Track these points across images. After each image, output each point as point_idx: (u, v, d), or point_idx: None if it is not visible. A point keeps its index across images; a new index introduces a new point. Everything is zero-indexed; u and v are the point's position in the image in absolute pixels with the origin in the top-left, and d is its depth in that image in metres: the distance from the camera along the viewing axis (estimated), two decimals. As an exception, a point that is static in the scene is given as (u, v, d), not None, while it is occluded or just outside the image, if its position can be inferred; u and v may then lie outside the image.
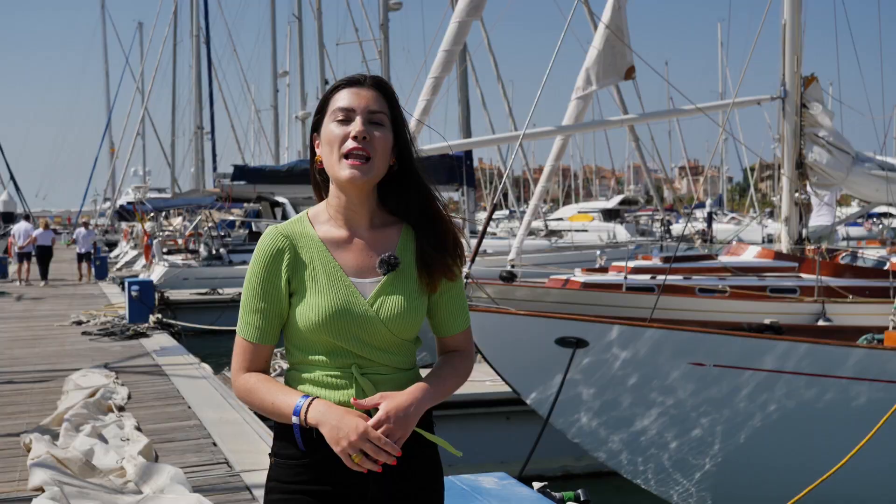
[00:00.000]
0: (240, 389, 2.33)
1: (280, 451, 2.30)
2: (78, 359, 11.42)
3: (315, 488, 2.24)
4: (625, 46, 12.72)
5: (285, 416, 2.22)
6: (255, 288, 2.29)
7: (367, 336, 2.26)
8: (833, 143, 13.09)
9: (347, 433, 2.11)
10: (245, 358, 2.32)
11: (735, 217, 56.62)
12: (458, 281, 2.41)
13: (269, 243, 2.30)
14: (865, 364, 6.62)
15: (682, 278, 12.63)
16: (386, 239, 2.34)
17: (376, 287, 2.29)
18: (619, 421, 6.84)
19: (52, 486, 5.27)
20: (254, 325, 2.30)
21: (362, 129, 2.24)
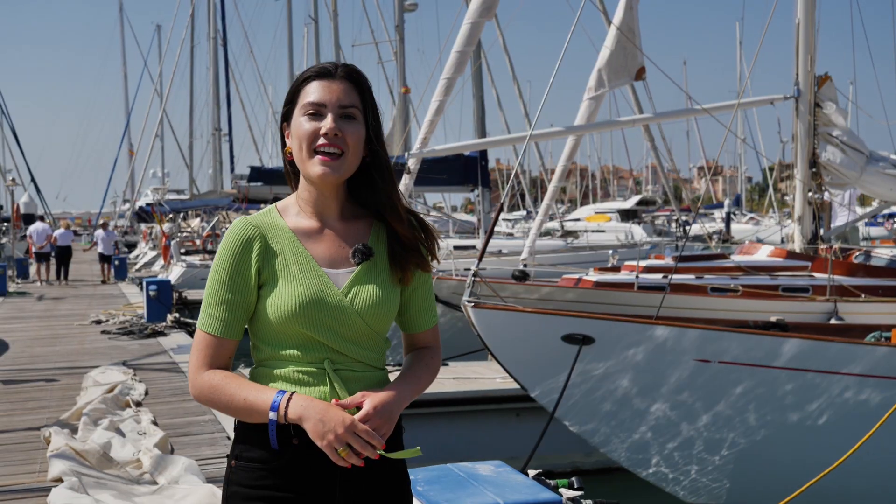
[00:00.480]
0: (202, 387, 2.19)
1: (242, 453, 2.21)
2: (97, 356, 11.60)
3: (280, 495, 2.16)
4: (635, 47, 12.80)
5: (260, 413, 2.12)
6: (221, 279, 2.20)
7: (341, 327, 2.20)
8: (847, 142, 13.11)
9: (334, 427, 2.06)
10: (207, 354, 2.21)
11: (754, 217, 56.47)
12: (430, 276, 2.39)
13: (238, 232, 2.22)
14: (872, 361, 6.69)
15: (694, 277, 12.69)
16: (357, 230, 2.30)
17: (350, 277, 2.24)
18: (625, 416, 6.94)
19: (70, 476, 5.42)
20: (218, 318, 2.20)
21: (333, 127, 2.18)
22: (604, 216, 47.51)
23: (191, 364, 2.24)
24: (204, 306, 2.24)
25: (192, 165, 55.22)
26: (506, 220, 51.48)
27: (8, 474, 6.18)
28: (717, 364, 6.61)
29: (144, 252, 36.09)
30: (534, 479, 3.03)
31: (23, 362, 11.40)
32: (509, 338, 6.90)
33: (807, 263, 12.79)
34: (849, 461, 6.20)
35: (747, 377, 6.63)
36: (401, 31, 30.77)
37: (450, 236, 24.98)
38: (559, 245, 26.94)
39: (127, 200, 59.53)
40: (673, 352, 6.66)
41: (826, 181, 13.18)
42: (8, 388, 9.49)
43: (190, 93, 57.26)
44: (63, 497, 4.95)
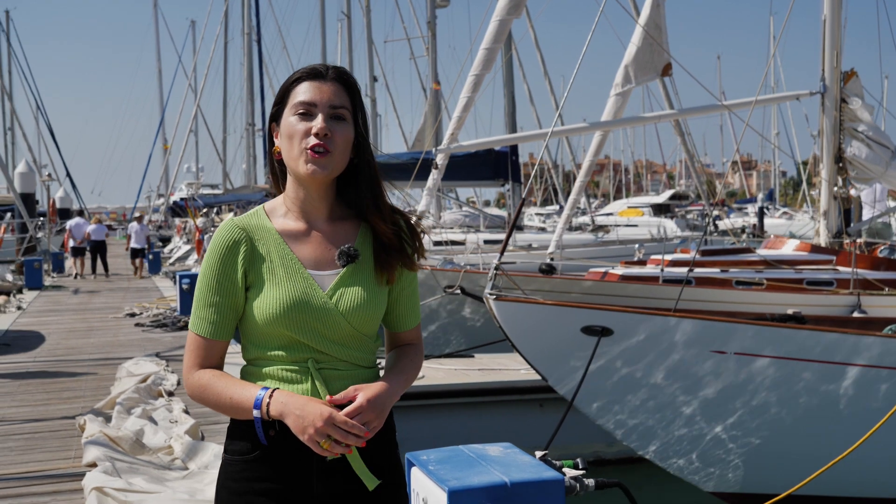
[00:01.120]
0: (193, 387, 2.27)
1: (229, 447, 2.29)
2: (130, 348, 11.86)
3: (260, 486, 2.22)
4: (660, 45, 12.91)
5: (245, 411, 2.18)
6: (209, 282, 2.25)
7: (326, 329, 2.23)
8: (872, 137, 13.15)
9: (313, 420, 2.09)
10: (198, 354, 2.27)
11: (787, 212, 56.21)
12: (416, 277, 2.41)
13: (224, 235, 2.26)
14: (889, 353, 6.80)
15: (719, 271, 12.79)
16: (345, 232, 2.32)
17: (335, 279, 2.27)
18: (643, 406, 7.09)
19: (104, 461, 5.64)
20: (207, 320, 2.25)
21: (324, 127, 2.21)
22: (636, 211, 47.54)
23: (184, 365, 2.30)
24: (194, 308, 2.29)
25: (225, 160, 55.79)
26: (539, 215, 51.67)
27: (44, 460, 6.43)
28: (733, 355, 6.74)
29: (178, 246, 36.49)
30: (539, 460, 3.19)
31: (59, 354, 11.69)
32: (530, 329, 7.06)
33: (831, 257, 12.85)
34: (861, 449, 6.33)
35: (764, 368, 6.76)
36: (432, 27, 30.99)
37: (480, 231, 25.12)
38: (589, 239, 27.05)
39: (161, 195, 60.14)
40: (690, 343, 6.79)
41: (852, 176, 13.22)
42: (44, 379, 9.76)
43: (224, 88, 57.90)
44: (97, 480, 5.17)
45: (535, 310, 7.11)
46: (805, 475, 6.34)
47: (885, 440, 6.62)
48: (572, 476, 3.08)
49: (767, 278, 12.41)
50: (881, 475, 7.03)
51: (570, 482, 3.07)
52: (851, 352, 6.72)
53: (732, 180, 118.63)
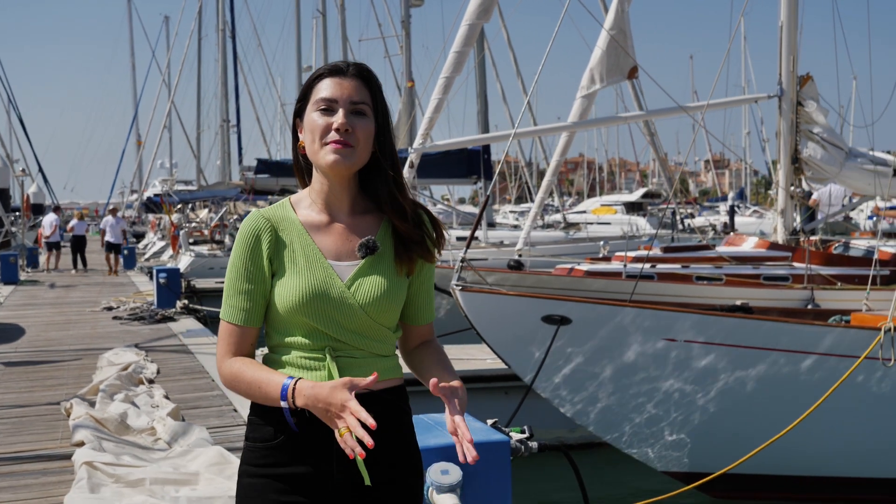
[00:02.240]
0: (226, 375, 2.32)
1: (251, 434, 2.33)
2: (109, 340, 12.18)
3: (281, 471, 2.26)
4: (625, 50, 13.33)
5: (274, 400, 2.22)
6: (238, 270, 2.31)
7: (344, 319, 2.28)
8: (827, 139, 13.63)
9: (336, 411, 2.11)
10: (231, 342, 2.32)
11: (757, 210, 56.90)
12: (433, 270, 2.46)
13: (251, 225, 2.32)
14: (831, 341, 7.26)
15: (680, 267, 13.27)
16: (366, 225, 2.37)
17: (354, 270, 2.31)
18: (599, 391, 7.52)
19: (92, 441, 6.01)
20: (239, 308, 2.30)
21: (345, 122, 2.26)
22: (609, 209, 48.04)
23: (217, 353, 2.35)
24: (225, 297, 2.34)
25: (199, 156, 55.83)
26: (513, 213, 52.14)
27: (33, 441, 6.78)
28: (683, 343, 7.19)
29: (153, 242, 36.63)
30: (490, 427, 3.61)
31: (39, 345, 12.00)
32: (494, 319, 7.48)
33: (788, 254, 13.35)
34: (798, 430, 6.82)
35: (712, 355, 7.21)
36: (406, 26, 31.31)
37: (453, 227, 25.54)
38: (559, 237, 27.53)
39: (135, 191, 59.97)
40: (643, 331, 7.23)
41: (808, 176, 13.72)
42: (27, 368, 10.09)
43: (198, 84, 57.90)
44: (87, 455, 5.54)
45: (498, 300, 7.53)
46: (746, 452, 6.81)
47: (821, 422, 7.10)
48: (518, 439, 3.50)
49: (726, 274, 12.89)
50: (817, 454, 7.51)
51: (516, 444, 3.49)
52: (795, 340, 7.19)
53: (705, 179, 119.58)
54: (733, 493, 7.76)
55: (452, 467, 3.20)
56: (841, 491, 7.73)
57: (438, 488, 3.14)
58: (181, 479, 5.13)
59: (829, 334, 7.16)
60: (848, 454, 7.56)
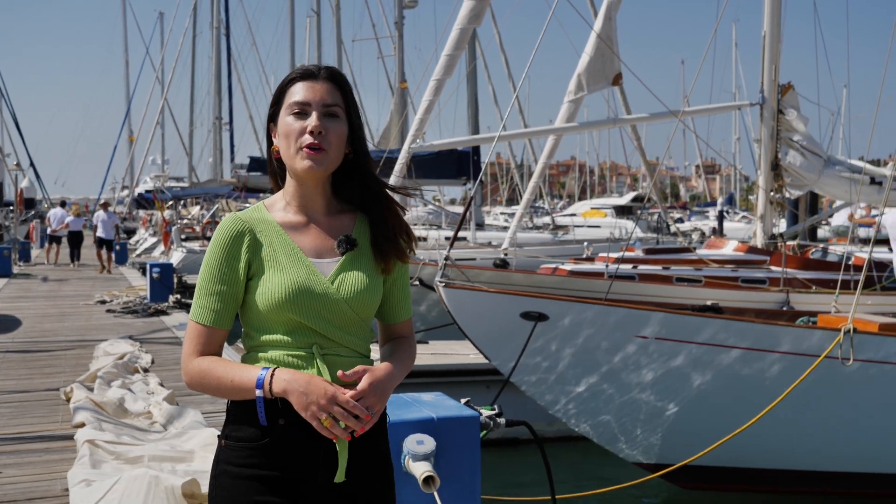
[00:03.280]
0: (192, 373, 2.30)
1: (232, 433, 2.31)
2: (104, 332, 12.48)
3: (264, 473, 2.26)
4: (613, 54, 13.72)
5: (247, 391, 2.22)
6: (213, 271, 2.31)
7: (330, 314, 2.31)
8: (806, 146, 14.05)
9: (317, 398, 2.15)
10: (199, 342, 2.32)
11: (746, 216, 57.38)
12: (407, 269, 2.52)
13: (228, 227, 2.34)
14: (795, 341, 7.63)
15: (661, 268, 13.67)
16: (342, 224, 2.42)
17: (336, 266, 2.36)
18: (575, 385, 7.87)
19: (92, 422, 6.35)
20: (210, 309, 2.31)
21: (318, 125, 2.29)
22: (599, 212, 48.48)
23: (183, 352, 2.35)
24: (196, 297, 2.35)
25: (192, 153, 56.04)
26: (503, 214, 52.53)
27: (35, 423, 7.12)
28: (655, 340, 7.56)
29: (144, 238, 36.89)
30: (463, 405, 3.97)
31: (35, 336, 12.30)
32: (475, 314, 7.84)
33: (765, 258, 13.76)
34: (761, 424, 7.20)
35: (683, 352, 7.58)
36: (400, 28, 31.67)
37: (442, 228, 25.89)
38: (547, 238, 27.94)
39: (126, 187, 60.14)
40: (617, 328, 7.60)
41: (787, 182, 14.12)
42: (25, 357, 10.41)
43: (191, 81, 58.11)
44: (88, 434, 5.88)
45: (480, 296, 7.89)
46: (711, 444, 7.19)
47: (782, 418, 7.47)
48: (487, 416, 3.86)
49: (705, 276, 13.29)
50: (778, 448, 7.89)
51: (486, 420, 3.86)
52: (761, 339, 7.56)
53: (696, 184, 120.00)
54: (699, 484, 8.14)
55: (427, 438, 3.56)
56: (800, 484, 8.11)
57: (414, 456, 3.50)
58: (177, 457, 5.47)
59: (794, 334, 7.54)
60: (808, 449, 7.94)
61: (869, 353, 7.47)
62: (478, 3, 13.11)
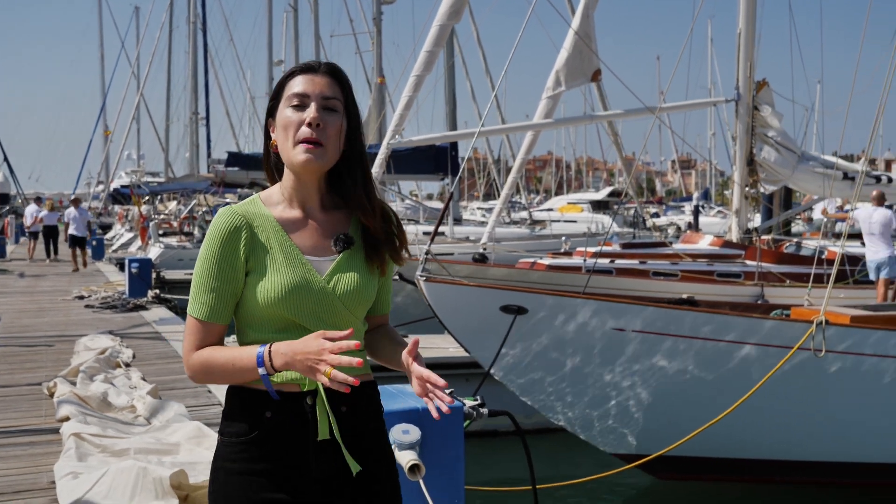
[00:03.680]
0: (195, 365, 2.30)
1: (226, 429, 2.33)
2: (83, 327, 12.50)
3: (258, 467, 2.27)
4: (591, 52, 13.85)
5: (250, 371, 2.22)
6: (210, 267, 2.29)
7: (324, 312, 2.31)
8: (781, 142, 14.24)
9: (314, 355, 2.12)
10: (198, 338, 2.30)
11: (722, 210, 57.76)
12: (393, 266, 2.50)
13: (225, 221, 2.31)
14: (769, 333, 7.78)
15: (638, 262, 13.83)
16: (338, 221, 2.40)
17: (332, 264, 2.34)
18: (554, 377, 8.00)
19: (77, 415, 6.40)
20: (208, 305, 2.28)
21: (317, 116, 2.28)
22: (576, 207, 48.66)
23: (184, 349, 2.34)
24: (193, 293, 2.32)
25: (168, 149, 55.85)
26: (480, 209, 52.63)
27: (18, 417, 7.16)
28: (632, 332, 7.69)
29: (120, 234, 36.75)
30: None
31: (14, 331, 12.28)
32: (455, 308, 7.94)
33: (740, 252, 13.94)
34: (735, 415, 7.35)
35: (659, 344, 7.72)
36: (378, 23, 31.67)
37: (420, 223, 25.98)
38: (524, 233, 28.08)
39: (101, 182, 59.84)
40: (594, 321, 7.73)
41: (762, 178, 14.31)
42: (5, 352, 10.42)
43: (168, 76, 57.88)
44: (74, 427, 5.94)
45: (460, 290, 8.00)
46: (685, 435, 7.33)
47: (756, 408, 7.62)
48: (470, 406, 3.96)
49: (682, 270, 13.45)
50: (752, 438, 8.04)
51: (469, 410, 3.96)
52: (735, 331, 7.71)
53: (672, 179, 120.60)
54: (675, 474, 8.29)
55: (413, 428, 3.66)
56: (774, 473, 8.28)
57: (400, 445, 3.60)
58: (163, 450, 5.55)
59: (768, 326, 7.69)
60: (782, 439, 8.10)
61: (841, 345, 7.63)
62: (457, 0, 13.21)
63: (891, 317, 8.51)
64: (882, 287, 12.60)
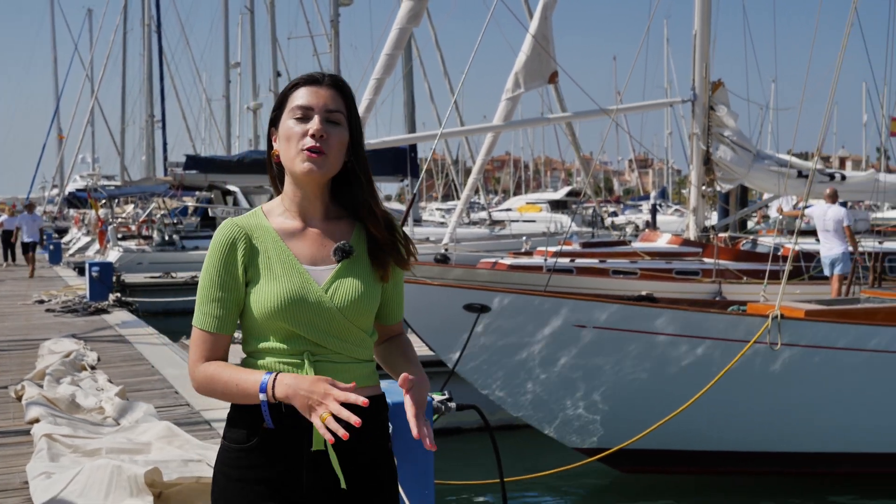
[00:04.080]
0: (199, 379, 2.33)
1: (227, 435, 2.35)
2: (45, 331, 12.45)
3: (252, 475, 2.29)
4: (549, 56, 14.03)
5: (251, 396, 2.23)
6: (212, 278, 2.32)
7: (323, 323, 2.30)
8: (737, 141, 14.51)
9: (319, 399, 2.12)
10: (204, 349, 2.33)
11: (679, 209, 58.35)
12: (402, 274, 2.50)
13: (225, 233, 2.34)
14: (726, 328, 7.98)
15: (598, 261, 14.03)
16: (340, 230, 2.40)
17: (330, 274, 2.33)
18: (517, 374, 8.15)
19: (46, 417, 6.44)
20: (212, 315, 2.31)
21: (320, 128, 2.29)
22: (535, 206, 48.96)
23: (190, 360, 2.36)
24: (198, 304, 2.34)
25: (124, 152, 55.36)
26: (439, 210, 52.79)
27: (-15, 421, 7.18)
28: (592, 329, 7.86)
29: (77, 237, 36.46)
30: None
31: (-26, 336, 12.23)
32: (420, 307, 8.06)
33: (698, 250, 14.19)
34: (694, 409, 7.55)
35: (619, 340, 7.90)
36: (335, 25, 31.66)
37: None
38: (485, 233, 28.27)
39: (56, 186, 59.24)
40: (555, 318, 7.88)
41: (718, 177, 14.57)
42: (-32, 356, 10.39)
43: (122, 79, 57.31)
44: (46, 428, 5.98)
45: (424, 290, 8.12)
46: (646, 427, 7.50)
47: (715, 401, 7.82)
48: (439, 400, 4.09)
49: (641, 268, 13.67)
50: (714, 430, 8.24)
51: (437, 404, 4.08)
52: (694, 326, 7.90)
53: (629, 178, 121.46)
54: (636, 467, 8.46)
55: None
56: (733, 464, 8.48)
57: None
58: (135, 449, 5.61)
59: (725, 321, 7.89)
60: (740, 430, 8.30)
61: (796, 338, 7.85)
62: (416, 3, 13.33)
63: (844, 310, 8.76)
64: (836, 282, 12.88)
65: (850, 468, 8.59)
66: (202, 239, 26.97)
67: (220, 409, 7.24)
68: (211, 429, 6.64)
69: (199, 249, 25.65)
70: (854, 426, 8.36)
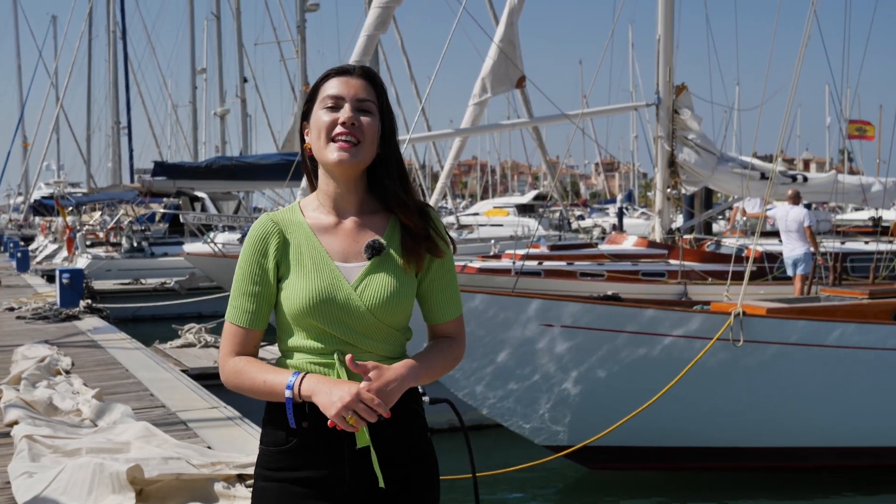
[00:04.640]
0: (228, 372, 2.32)
1: (264, 438, 2.35)
2: (17, 337, 12.43)
3: (293, 475, 2.28)
4: (515, 65, 14.22)
5: (278, 393, 2.23)
6: (245, 273, 2.32)
7: (352, 320, 2.27)
8: (701, 144, 14.78)
9: (340, 397, 2.12)
10: (235, 342, 2.33)
11: (645, 212, 58.74)
12: (449, 266, 2.45)
13: (259, 228, 2.34)
14: (690, 325, 8.18)
15: (565, 264, 14.24)
16: (374, 225, 2.37)
17: (361, 271, 2.30)
18: (488, 373, 8.33)
19: (25, 419, 6.54)
20: (243, 310, 2.32)
21: (351, 116, 2.28)
22: (502, 211, 49.18)
23: (220, 353, 2.36)
24: (231, 299, 2.35)
25: (90, 159, 55.06)
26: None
27: (-38, 425, 7.24)
28: (560, 328, 8.06)
29: (44, 245, 36.26)
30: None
31: (-54, 343, 12.23)
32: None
33: (664, 251, 14.44)
34: (660, 403, 7.75)
35: (584, 338, 8.09)
36: (302, 31, 31.75)
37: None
38: (453, 237, 28.43)
39: (21, 194, 58.81)
40: (523, 318, 8.07)
41: (683, 179, 14.83)
42: (-60, 363, 10.40)
43: (88, 86, 56.94)
44: (26, 430, 6.08)
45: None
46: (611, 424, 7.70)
47: (680, 396, 8.03)
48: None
49: (608, 270, 13.90)
50: (679, 426, 8.46)
51: (413, 397, 4.23)
52: (658, 324, 8.11)
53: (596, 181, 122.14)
54: (603, 463, 8.66)
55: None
56: (698, 460, 8.70)
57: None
58: (114, 448, 5.72)
59: (689, 319, 8.10)
60: (704, 426, 8.52)
61: (758, 335, 8.07)
62: (384, 10, 13.47)
63: (805, 308, 9.01)
64: (799, 282, 13.16)
65: (815, 462, 8.82)
66: (171, 245, 26.95)
67: (196, 411, 7.37)
68: (187, 429, 6.76)
69: (168, 256, 25.66)
70: (816, 420, 8.60)
